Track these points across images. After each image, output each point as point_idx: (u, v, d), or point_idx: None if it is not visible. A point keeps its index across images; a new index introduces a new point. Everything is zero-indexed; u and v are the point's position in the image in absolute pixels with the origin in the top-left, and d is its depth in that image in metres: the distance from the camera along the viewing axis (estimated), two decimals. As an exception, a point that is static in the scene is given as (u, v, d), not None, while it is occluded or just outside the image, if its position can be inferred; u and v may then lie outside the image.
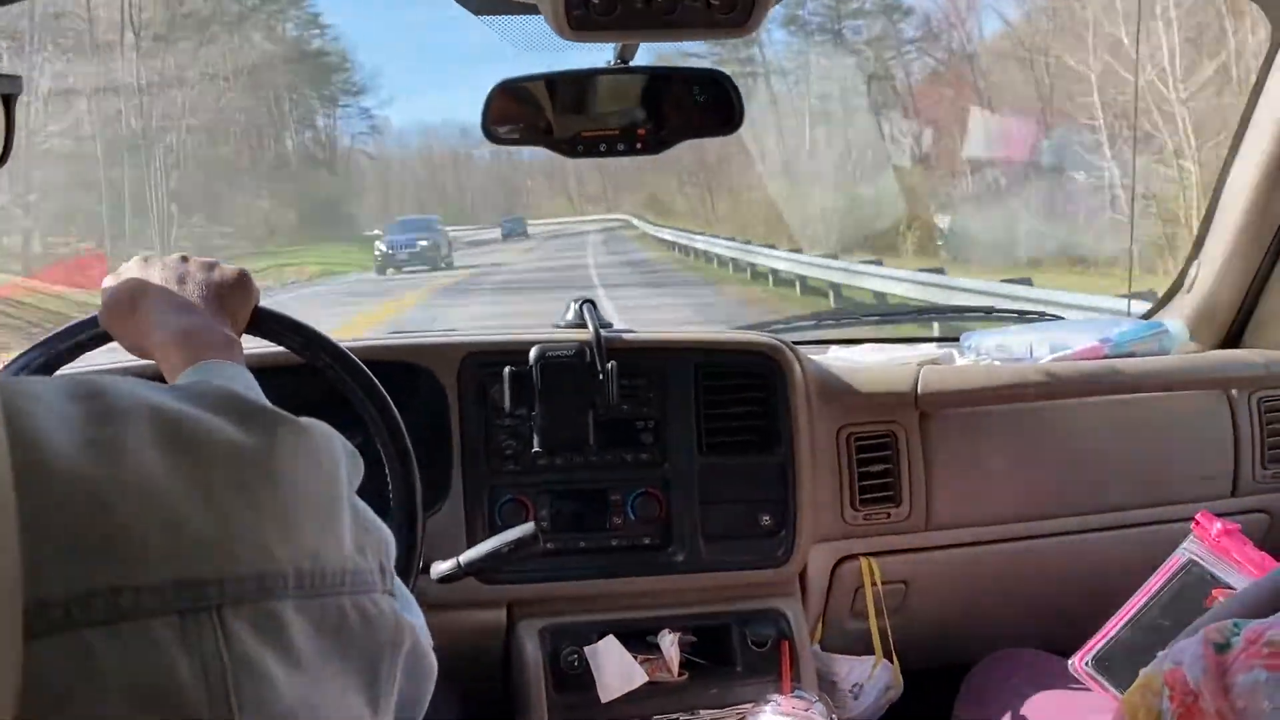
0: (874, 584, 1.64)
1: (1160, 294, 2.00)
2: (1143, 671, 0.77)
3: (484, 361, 1.53)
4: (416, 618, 0.61)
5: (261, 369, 1.43)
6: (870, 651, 1.65)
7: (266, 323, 1.16)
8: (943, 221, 14.97)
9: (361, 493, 1.32)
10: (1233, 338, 1.88)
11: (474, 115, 1.34)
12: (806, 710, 1.39)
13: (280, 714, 0.43)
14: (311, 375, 1.19)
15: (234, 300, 1.02)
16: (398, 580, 0.53)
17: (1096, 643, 1.41)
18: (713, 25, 1.20)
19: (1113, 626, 1.41)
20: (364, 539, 0.49)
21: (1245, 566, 1.34)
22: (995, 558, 1.71)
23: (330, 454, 0.49)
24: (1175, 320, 1.84)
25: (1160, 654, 0.77)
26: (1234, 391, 1.78)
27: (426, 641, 0.54)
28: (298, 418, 0.48)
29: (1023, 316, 2.12)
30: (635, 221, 29.24)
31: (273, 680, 0.43)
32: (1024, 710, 1.43)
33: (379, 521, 0.52)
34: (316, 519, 0.46)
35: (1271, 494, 1.77)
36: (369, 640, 0.48)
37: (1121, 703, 0.78)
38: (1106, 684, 1.38)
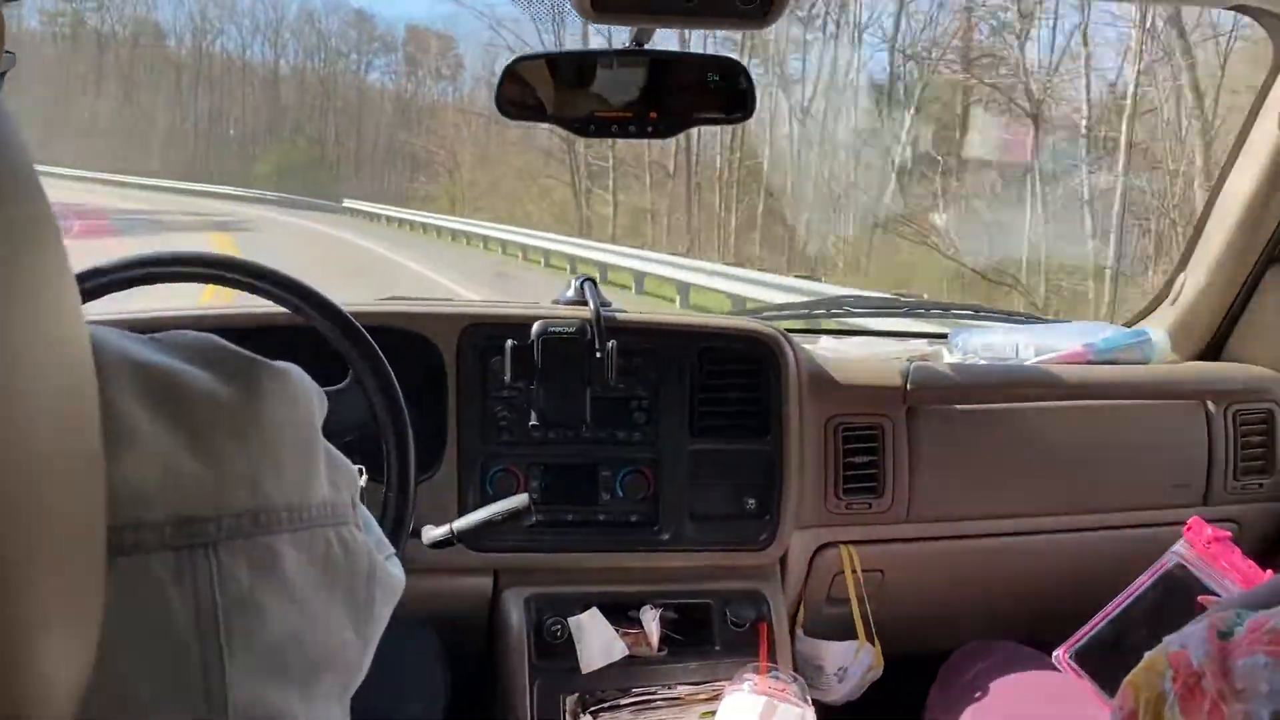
0: (854, 571, 1.68)
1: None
2: (1147, 654, 0.81)
3: (485, 333, 1.55)
4: (373, 533, 0.63)
5: (255, 328, 1.47)
6: (847, 636, 1.69)
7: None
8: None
9: (356, 453, 1.33)
10: (1213, 350, 1.93)
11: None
12: (783, 690, 1.43)
13: (269, 649, 0.45)
14: (299, 334, 1.22)
15: None
16: (360, 506, 0.55)
17: (1080, 637, 1.45)
18: (732, 16, 1.22)
19: (1097, 623, 1.45)
20: (336, 474, 0.52)
21: (1233, 574, 1.38)
22: (971, 552, 1.76)
23: (306, 395, 0.51)
24: (1158, 330, 1.88)
25: (1166, 638, 0.81)
26: (1210, 403, 1.82)
27: (383, 564, 0.57)
28: (272, 362, 0.50)
29: (1010, 317, 2.16)
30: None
31: (264, 614, 0.45)
32: (996, 699, 1.47)
33: (345, 458, 0.54)
34: (299, 456, 0.49)
35: (1241, 504, 1.82)
36: (350, 568, 0.51)
37: (1125, 682, 0.81)
38: (1087, 677, 1.42)
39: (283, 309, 1.23)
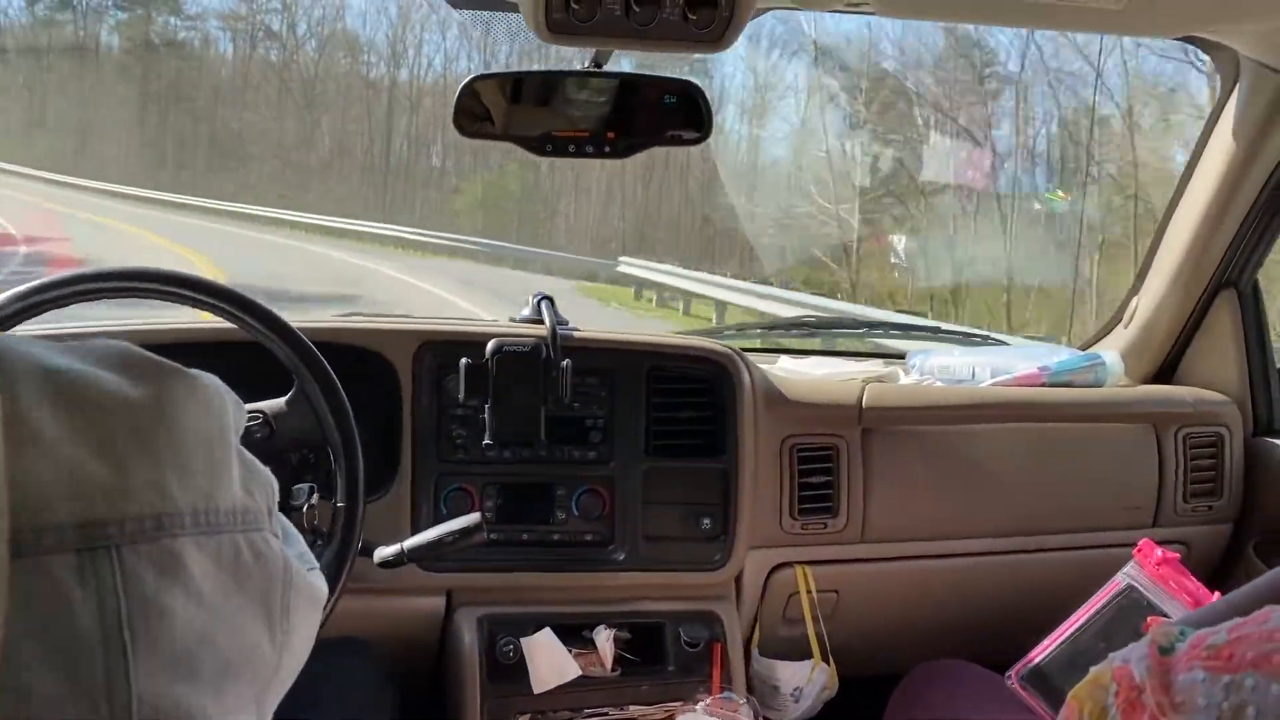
0: (809, 591, 1.68)
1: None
2: (1092, 669, 0.81)
3: (440, 351, 1.54)
4: (294, 546, 0.63)
5: (202, 344, 1.46)
6: (802, 656, 1.69)
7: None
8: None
9: (308, 470, 1.32)
10: (1165, 373, 1.95)
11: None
12: (734, 712, 1.43)
13: (176, 650, 0.45)
14: (251, 353, 1.21)
15: None
16: (279, 516, 0.55)
17: (1032, 658, 1.46)
18: (688, 40, 1.22)
19: (1049, 644, 1.46)
20: (250, 482, 0.52)
21: (1182, 595, 1.40)
22: (926, 572, 1.76)
23: (219, 401, 0.51)
24: (1111, 353, 1.91)
25: (1111, 654, 0.81)
26: (1161, 426, 1.84)
27: (303, 573, 0.57)
28: (187, 369, 0.50)
29: (967, 338, 2.18)
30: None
31: (171, 617, 0.45)
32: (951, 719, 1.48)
33: (263, 466, 0.54)
34: (209, 462, 0.49)
35: (1190, 526, 1.84)
36: (262, 575, 0.51)
37: (1070, 696, 0.81)
38: (1039, 699, 1.43)
39: (225, 324, 1.22)
